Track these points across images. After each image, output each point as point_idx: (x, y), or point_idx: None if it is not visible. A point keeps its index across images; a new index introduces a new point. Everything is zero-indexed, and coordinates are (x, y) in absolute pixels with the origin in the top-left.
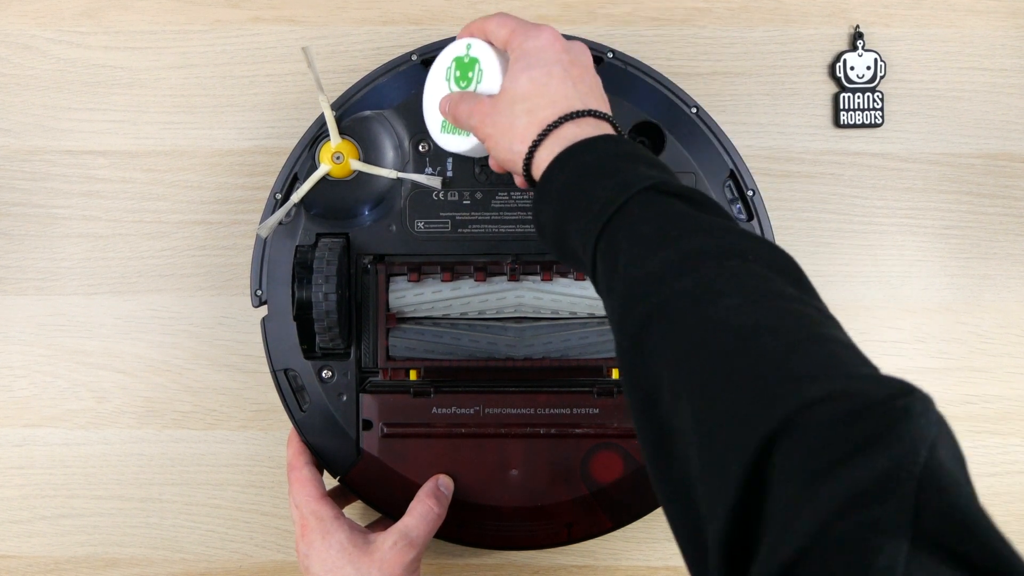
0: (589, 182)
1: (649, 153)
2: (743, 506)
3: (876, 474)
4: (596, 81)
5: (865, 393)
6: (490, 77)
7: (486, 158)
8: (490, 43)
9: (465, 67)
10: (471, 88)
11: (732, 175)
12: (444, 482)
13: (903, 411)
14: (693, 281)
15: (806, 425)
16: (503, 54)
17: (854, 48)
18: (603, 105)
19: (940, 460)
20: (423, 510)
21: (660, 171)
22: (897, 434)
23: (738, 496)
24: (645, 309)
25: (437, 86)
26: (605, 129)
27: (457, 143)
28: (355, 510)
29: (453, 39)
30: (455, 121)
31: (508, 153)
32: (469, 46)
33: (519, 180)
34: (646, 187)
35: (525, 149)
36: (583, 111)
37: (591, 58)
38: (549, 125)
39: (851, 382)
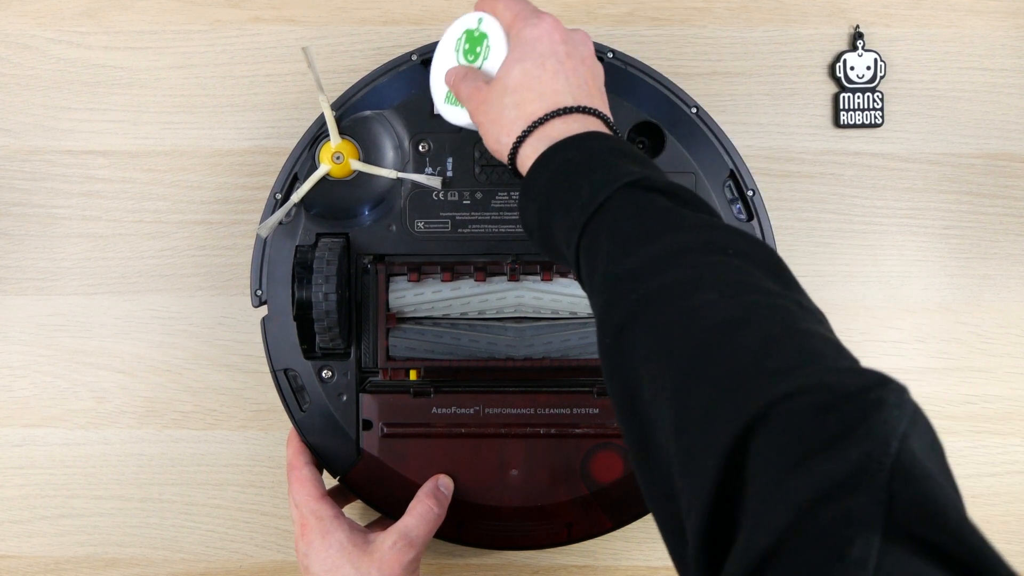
0: (572, 179)
1: (635, 149)
2: (720, 499)
3: (849, 466)
4: (593, 74)
5: (839, 385)
6: (496, 56)
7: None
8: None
9: (474, 41)
10: (477, 63)
11: (732, 175)
12: (444, 482)
13: (876, 403)
14: (673, 276)
15: (780, 418)
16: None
17: (854, 48)
18: (596, 100)
19: (912, 451)
20: (423, 510)
21: (644, 167)
22: (869, 425)
23: (714, 489)
24: (627, 306)
25: (446, 55)
26: (594, 125)
27: (458, 116)
28: (355, 510)
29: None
30: (457, 96)
31: (496, 144)
32: (480, 20)
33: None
34: (628, 183)
35: (511, 142)
36: (572, 107)
37: (592, 49)
38: (536, 120)
39: (826, 375)
